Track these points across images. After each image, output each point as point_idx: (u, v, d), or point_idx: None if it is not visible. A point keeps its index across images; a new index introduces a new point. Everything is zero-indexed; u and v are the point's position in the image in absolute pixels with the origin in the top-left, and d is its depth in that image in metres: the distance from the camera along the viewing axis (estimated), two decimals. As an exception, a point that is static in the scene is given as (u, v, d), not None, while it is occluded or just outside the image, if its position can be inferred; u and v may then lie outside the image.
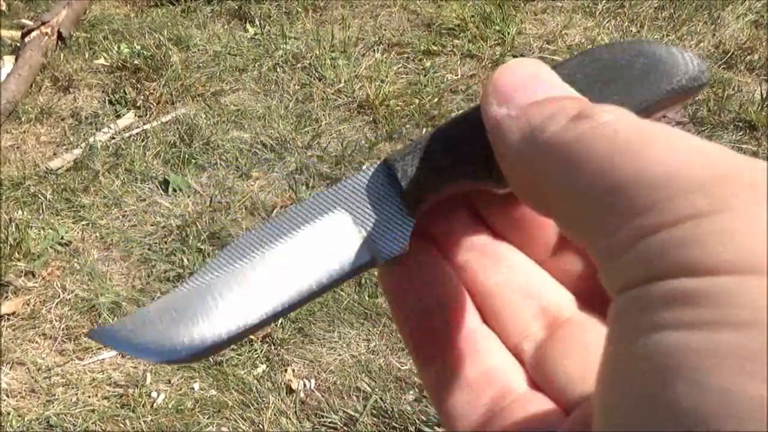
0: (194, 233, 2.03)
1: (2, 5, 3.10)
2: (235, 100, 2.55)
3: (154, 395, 1.70)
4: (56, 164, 2.32)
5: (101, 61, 2.76)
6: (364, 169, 0.30)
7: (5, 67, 2.67)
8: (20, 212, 2.15)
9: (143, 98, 2.54)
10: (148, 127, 2.43)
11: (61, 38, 2.80)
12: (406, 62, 2.70)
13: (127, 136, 2.40)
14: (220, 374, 1.73)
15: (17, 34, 2.83)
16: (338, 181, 0.50)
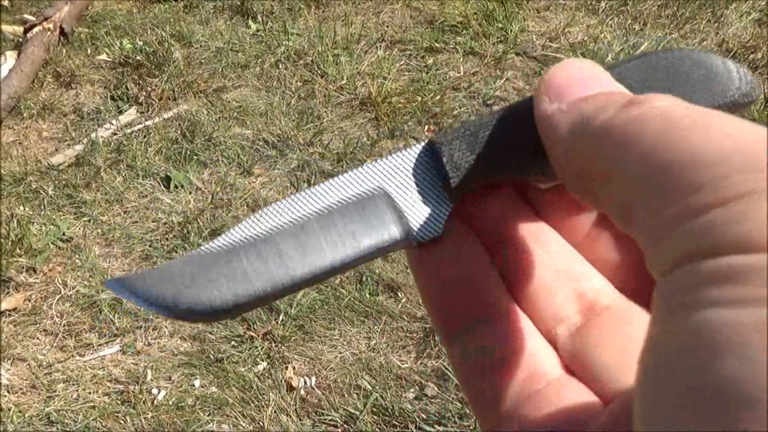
0: (195, 230, 2.04)
1: (5, 1, 3.09)
2: (237, 96, 2.55)
3: (154, 392, 1.71)
4: (58, 160, 2.32)
5: (103, 56, 2.75)
6: (407, 148, 0.30)
7: (7, 62, 2.67)
8: (22, 208, 2.15)
9: (145, 94, 2.54)
10: (149, 123, 2.43)
11: (63, 34, 2.80)
12: (408, 59, 2.69)
13: (128, 132, 2.40)
14: (220, 371, 1.73)
15: (20, 29, 2.83)
16: (380, 156, 0.49)
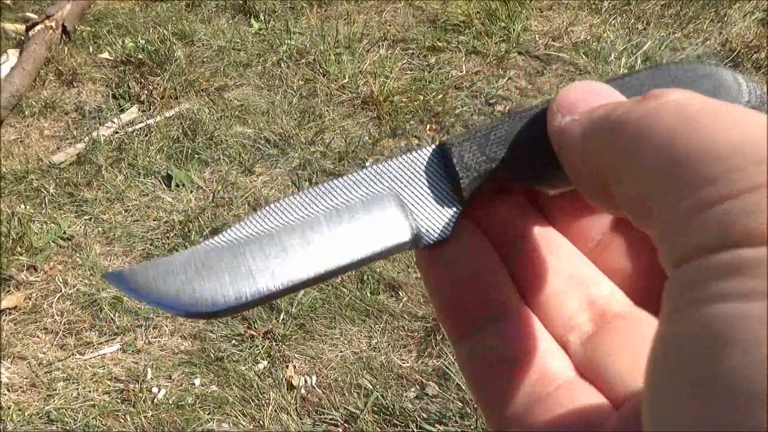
0: (197, 229, 2.03)
1: (7, -1, 3.10)
2: (238, 95, 2.55)
3: (154, 390, 1.70)
4: (59, 158, 2.32)
5: (105, 55, 2.75)
6: (418, 149, 0.30)
7: (9, 60, 2.67)
8: (23, 206, 2.15)
9: (147, 93, 2.53)
10: (151, 121, 2.43)
11: (65, 32, 2.80)
12: (410, 58, 2.69)
13: (130, 130, 2.40)
14: (221, 370, 1.73)
15: (22, 27, 2.83)
16: (386, 156, 0.49)
